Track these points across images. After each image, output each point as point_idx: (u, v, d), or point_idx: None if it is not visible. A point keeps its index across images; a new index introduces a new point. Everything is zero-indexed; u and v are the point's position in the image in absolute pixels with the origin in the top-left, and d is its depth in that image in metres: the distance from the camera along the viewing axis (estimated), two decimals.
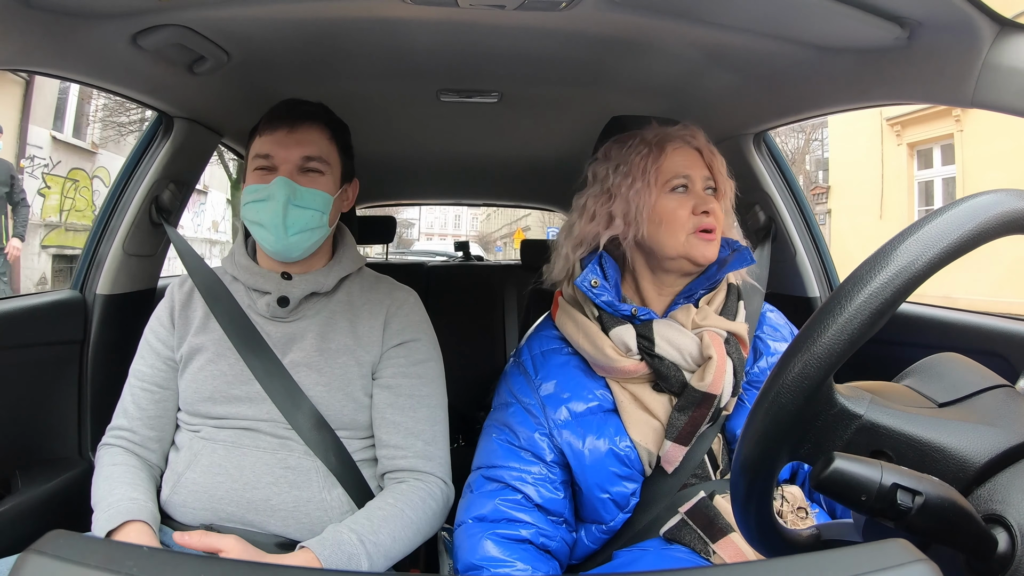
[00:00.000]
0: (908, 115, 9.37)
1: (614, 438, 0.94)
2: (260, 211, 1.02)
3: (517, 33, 1.12)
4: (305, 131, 1.05)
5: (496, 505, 0.95)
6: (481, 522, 0.95)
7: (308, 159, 1.04)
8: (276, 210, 1.01)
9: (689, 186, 1.00)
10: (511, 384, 1.05)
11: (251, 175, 1.05)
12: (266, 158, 1.04)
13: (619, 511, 0.95)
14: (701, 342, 0.95)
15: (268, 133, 1.04)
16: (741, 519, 0.54)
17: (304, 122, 1.05)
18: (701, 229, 0.97)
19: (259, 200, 1.02)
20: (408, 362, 1.08)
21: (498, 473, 0.98)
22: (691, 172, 1.00)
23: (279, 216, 1.01)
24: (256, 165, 1.04)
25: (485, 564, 0.91)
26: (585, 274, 0.99)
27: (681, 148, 1.01)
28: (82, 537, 0.39)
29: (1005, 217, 0.46)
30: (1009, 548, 0.46)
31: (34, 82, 7.41)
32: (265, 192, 1.02)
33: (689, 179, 1.00)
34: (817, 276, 1.60)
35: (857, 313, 0.45)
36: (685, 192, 0.99)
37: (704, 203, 0.98)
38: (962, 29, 0.83)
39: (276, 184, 1.01)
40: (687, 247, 0.97)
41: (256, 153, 1.05)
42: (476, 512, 0.97)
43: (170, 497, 1.01)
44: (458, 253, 3.61)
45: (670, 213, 0.97)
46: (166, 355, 1.08)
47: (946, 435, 0.51)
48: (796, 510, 0.92)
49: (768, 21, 1.00)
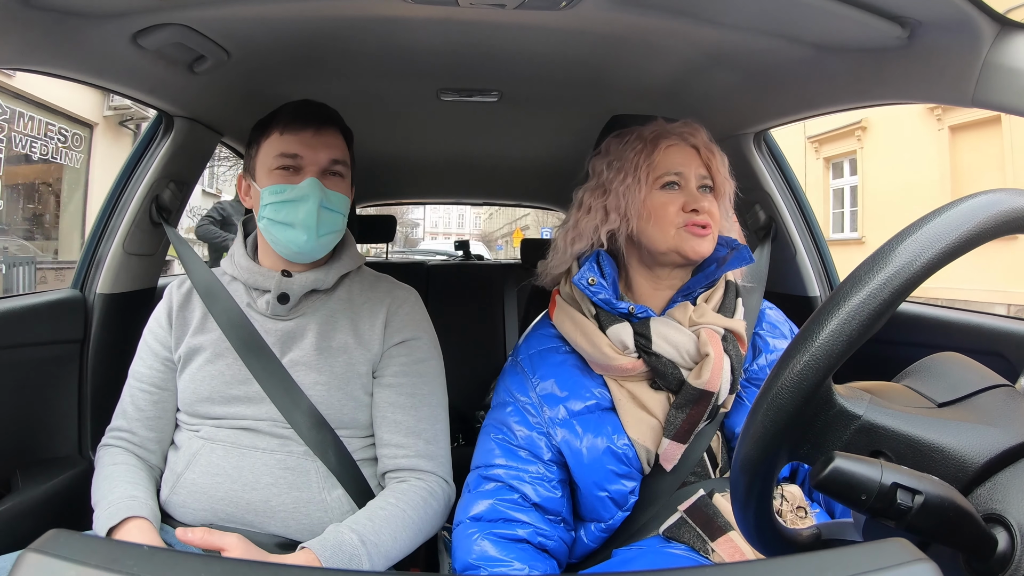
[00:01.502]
0: (824, 134, 11.16)
1: (612, 436, 0.94)
2: (291, 211, 1.01)
3: (517, 32, 1.12)
4: (329, 134, 1.05)
5: (493, 504, 0.95)
6: (478, 522, 0.95)
7: (334, 162, 1.05)
8: (311, 211, 1.01)
9: (682, 183, 1.00)
10: (509, 383, 1.05)
11: (272, 174, 1.03)
12: (293, 158, 1.03)
13: (618, 509, 0.94)
14: (698, 339, 0.95)
15: (293, 133, 1.03)
16: (741, 519, 0.54)
17: (328, 125, 1.06)
18: (691, 224, 0.97)
19: (289, 201, 1.01)
20: (409, 361, 1.08)
21: (495, 472, 0.98)
22: (684, 169, 1.00)
23: (313, 217, 1.01)
24: (280, 164, 1.03)
25: (482, 564, 0.91)
26: (583, 272, 0.99)
27: (676, 145, 1.01)
28: (82, 536, 0.39)
29: (1004, 216, 0.46)
30: (1009, 548, 0.46)
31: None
32: (296, 192, 1.01)
33: (682, 176, 1.00)
34: (817, 275, 1.59)
35: (856, 313, 0.45)
36: (677, 189, 1.00)
37: (695, 200, 0.98)
38: (962, 29, 0.83)
39: (309, 185, 1.01)
40: (677, 241, 0.97)
41: (281, 152, 1.03)
42: (473, 512, 0.96)
43: (169, 497, 1.02)
44: (458, 252, 3.61)
45: (659, 209, 0.98)
46: (164, 356, 1.08)
47: (945, 435, 0.51)
48: (795, 509, 0.91)
49: (768, 20, 1.00)
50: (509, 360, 1.10)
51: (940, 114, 9.19)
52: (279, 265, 1.08)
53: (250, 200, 1.09)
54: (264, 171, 1.04)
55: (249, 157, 1.09)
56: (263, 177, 1.04)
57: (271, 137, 1.04)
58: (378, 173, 2.40)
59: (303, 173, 1.03)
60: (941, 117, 9.22)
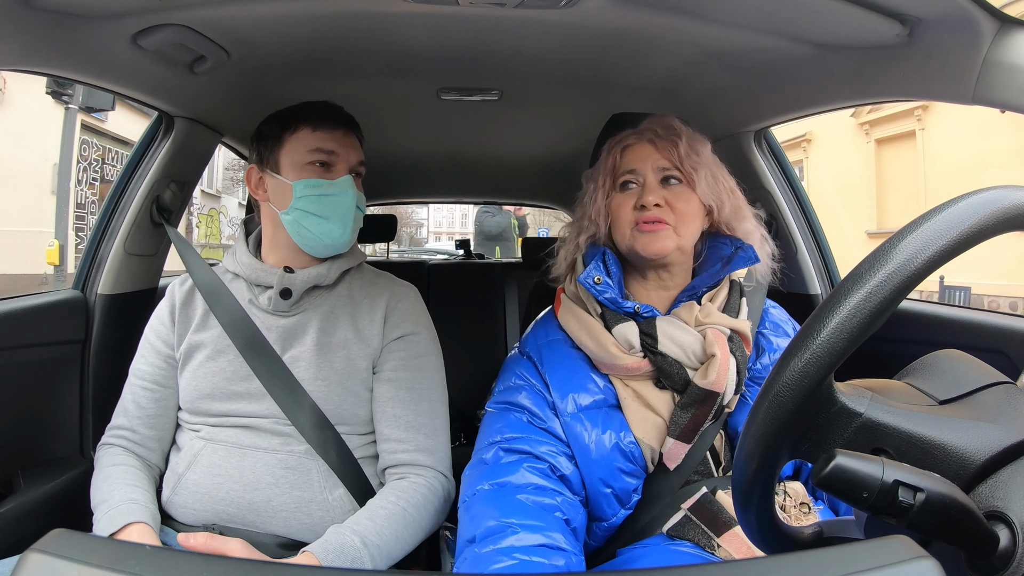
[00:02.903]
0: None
1: (619, 433, 0.93)
2: (328, 205, 1.04)
3: (517, 31, 1.12)
4: (354, 136, 1.10)
5: (523, 472, 0.90)
6: (504, 487, 0.89)
7: (361, 163, 1.10)
8: (348, 205, 1.05)
9: (638, 181, 0.99)
10: (519, 368, 1.03)
11: (306, 168, 1.05)
12: (329, 154, 1.05)
13: (621, 507, 0.94)
14: (704, 340, 0.94)
15: (326, 131, 1.06)
16: (743, 517, 0.54)
17: (354, 128, 1.10)
18: (642, 220, 0.96)
19: (327, 195, 1.04)
20: (408, 355, 1.08)
21: (520, 444, 0.93)
22: (638, 166, 0.99)
23: (350, 212, 1.06)
24: (315, 159, 1.05)
25: (513, 524, 0.82)
26: (588, 271, 0.99)
27: (632, 144, 1.02)
28: (85, 536, 0.39)
29: (1006, 213, 0.46)
30: (1010, 545, 0.46)
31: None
32: (334, 188, 1.05)
33: (636, 174, 0.99)
34: (818, 273, 1.59)
35: (857, 311, 0.45)
36: (633, 188, 1.00)
37: (644, 195, 0.97)
38: (963, 26, 0.83)
39: (347, 181, 1.06)
40: (631, 241, 0.98)
41: (317, 147, 1.05)
42: (499, 479, 0.89)
43: (171, 498, 1.02)
44: (459, 251, 3.61)
45: (616, 211, 1.00)
46: (166, 353, 1.09)
47: (947, 433, 0.51)
48: (799, 505, 0.91)
49: (769, 18, 1.00)
50: (515, 352, 1.09)
51: (868, 128, 10.90)
52: (279, 261, 1.08)
53: (264, 194, 1.09)
54: (294, 165, 1.05)
55: (267, 151, 1.08)
56: (292, 171, 1.05)
57: (300, 132, 1.06)
58: (378, 173, 2.38)
59: (336, 170, 1.06)
60: (869, 131, 10.92)
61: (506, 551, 0.80)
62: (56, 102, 6.48)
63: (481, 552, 0.81)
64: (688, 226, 0.98)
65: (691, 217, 0.98)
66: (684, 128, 1.02)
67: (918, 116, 9.72)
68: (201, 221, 13.60)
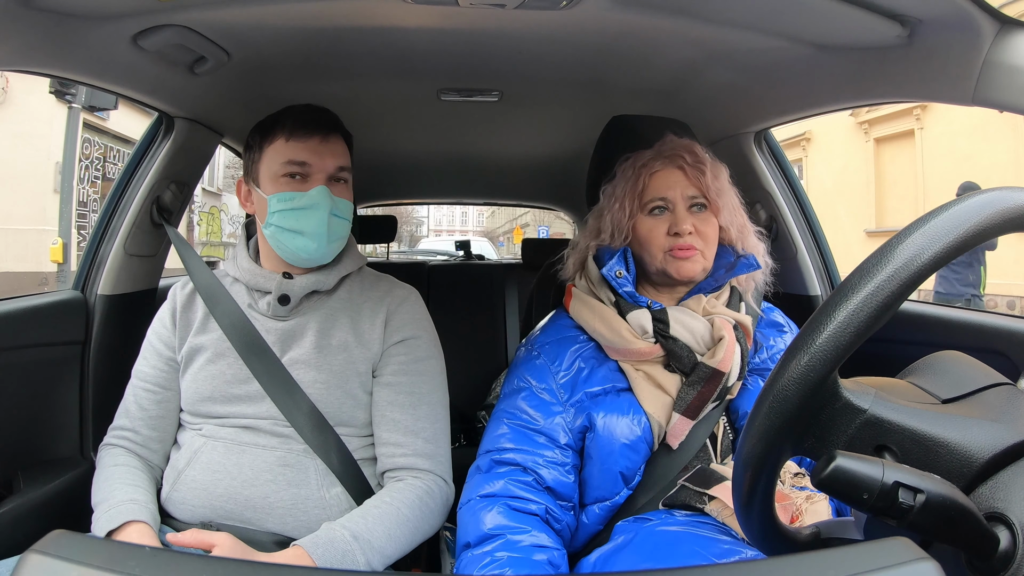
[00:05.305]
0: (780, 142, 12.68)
1: (629, 412, 0.98)
2: (301, 219, 1.02)
3: (517, 32, 1.12)
4: (335, 141, 1.06)
5: (506, 484, 0.96)
6: (490, 498, 0.96)
7: (341, 169, 1.05)
8: (321, 219, 1.01)
9: (669, 207, 1.03)
10: (524, 371, 1.07)
11: (279, 181, 1.03)
12: (301, 165, 1.02)
13: (624, 486, 0.98)
14: (712, 326, 1.00)
15: (300, 140, 1.02)
16: (743, 516, 0.54)
17: (334, 132, 1.06)
18: (676, 248, 1.01)
19: (299, 208, 1.02)
20: (409, 359, 1.08)
21: (509, 456, 0.99)
22: (669, 193, 1.03)
23: (324, 225, 1.02)
24: (287, 171, 1.03)
25: (501, 532, 0.91)
26: (611, 264, 1.04)
27: (662, 170, 1.04)
28: (84, 537, 0.39)
29: (1009, 213, 0.46)
30: (1011, 546, 0.46)
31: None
32: (306, 200, 1.02)
33: (667, 200, 1.03)
34: (818, 274, 1.59)
35: (863, 306, 0.45)
36: (665, 213, 1.03)
37: (679, 223, 1.02)
38: (963, 27, 0.83)
39: (319, 193, 1.02)
40: (664, 264, 1.03)
41: (289, 159, 1.02)
42: (484, 491, 0.97)
43: (170, 494, 1.02)
44: (459, 252, 3.61)
45: (647, 234, 1.04)
46: (168, 356, 1.09)
47: (950, 430, 0.51)
48: (793, 476, 0.95)
49: (769, 19, 1.00)
50: (523, 350, 1.12)
51: (867, 127, 10.70)
52: (279, 267, 1.08)
53: (251, 206, 1.09)
54: (270, 178, 1.04)
55: (251, 162, 1.07)
56: (268, 184, 1.04)
57: (276, 143, 1.04)
58: (379, 173, 2.40)
59: (311, 181, 1.03)
60: (868, 130, 10.73)
61: (494, 551, 0.90)
62: (59, 101, 6.47)
63: (474, 555, 0.91)
64: (712, 248, 1.04)
65: (714, 240, 1.05)
66: (707, 156, 1.06)
67: (917, 115, 9.76)
68: (202, 219, 13.60)
